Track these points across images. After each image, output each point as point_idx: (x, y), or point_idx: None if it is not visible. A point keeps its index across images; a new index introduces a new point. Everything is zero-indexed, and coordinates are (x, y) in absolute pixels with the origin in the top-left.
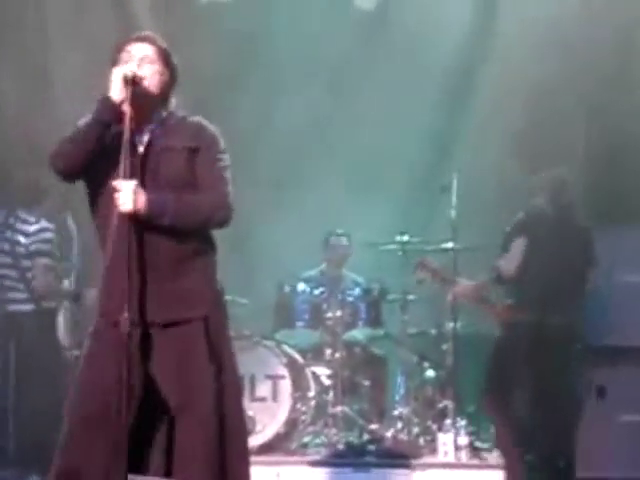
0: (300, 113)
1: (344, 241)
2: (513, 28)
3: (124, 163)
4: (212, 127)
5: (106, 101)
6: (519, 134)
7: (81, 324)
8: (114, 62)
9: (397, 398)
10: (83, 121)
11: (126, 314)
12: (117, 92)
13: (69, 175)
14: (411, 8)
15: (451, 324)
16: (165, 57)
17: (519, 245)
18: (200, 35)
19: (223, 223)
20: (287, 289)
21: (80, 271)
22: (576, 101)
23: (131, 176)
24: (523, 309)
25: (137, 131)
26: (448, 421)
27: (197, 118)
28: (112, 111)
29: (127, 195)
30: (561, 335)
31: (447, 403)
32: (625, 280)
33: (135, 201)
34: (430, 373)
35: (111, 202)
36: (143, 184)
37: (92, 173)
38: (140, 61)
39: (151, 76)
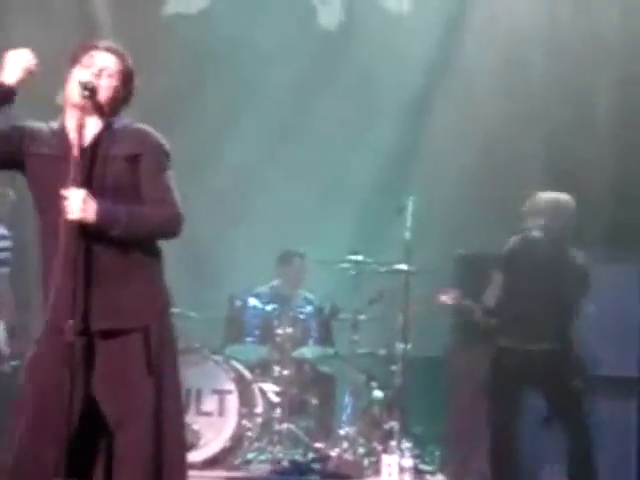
0: (257, 129)
1: (303, 260)
2: (477, 64)
3: (73, 170)
4: (156, 134)
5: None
6: (476, 164)
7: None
8: (74, 60)
9: (344, 418)
10: None
11: (70, 322)
12: (12, 75)
13: None
14: (374, 31)
15: (401, 345)
16: (126, 76)
17: (498, 279)
18: (163, 47)
19: (174, 235)
20: (238, 304)
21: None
22: (534, 141)
23: (72, 183)
24: (509, 335)
25: (80, 137)
26: (393, 443)
27: (141, 125)
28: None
29: (77, 204)
30: (553, 361)
31: (393, 424)
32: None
33: (85, 210)
34: (378, 394)
35: (55, 208)
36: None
37: (32, 175)
38: (100, 71)
39: (105, 89)
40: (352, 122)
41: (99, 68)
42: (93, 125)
